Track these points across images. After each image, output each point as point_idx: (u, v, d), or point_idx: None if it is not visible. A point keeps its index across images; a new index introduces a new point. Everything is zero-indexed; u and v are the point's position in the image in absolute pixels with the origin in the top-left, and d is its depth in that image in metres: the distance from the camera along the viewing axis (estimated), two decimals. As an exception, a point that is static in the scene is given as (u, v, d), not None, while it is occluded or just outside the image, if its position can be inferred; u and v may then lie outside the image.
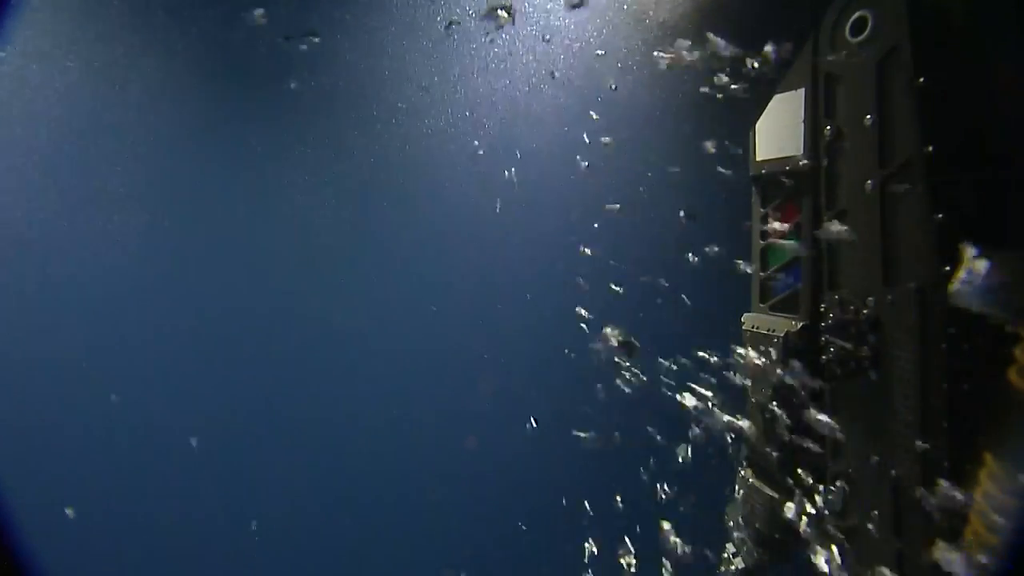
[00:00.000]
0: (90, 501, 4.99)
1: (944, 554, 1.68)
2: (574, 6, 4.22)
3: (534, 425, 4.55)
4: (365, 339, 5.16)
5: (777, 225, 2.38)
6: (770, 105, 2.37)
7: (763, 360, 2.39)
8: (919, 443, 1.85)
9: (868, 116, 1.97)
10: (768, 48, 2.37)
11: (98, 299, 5.01)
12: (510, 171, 4.71)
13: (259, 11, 4.41)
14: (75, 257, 4.97)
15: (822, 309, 2.17)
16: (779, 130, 2.32)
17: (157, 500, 5.11)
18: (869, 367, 2.01)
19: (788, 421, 2.36)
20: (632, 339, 2.88)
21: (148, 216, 5.05)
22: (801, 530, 2.46)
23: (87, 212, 4.97)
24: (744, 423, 2.65)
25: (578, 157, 4.48)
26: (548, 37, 4.55)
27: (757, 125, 2.43)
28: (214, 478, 5.15)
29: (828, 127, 2.12)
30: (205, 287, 5.09)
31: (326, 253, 5.17)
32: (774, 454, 2.44)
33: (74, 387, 5.01)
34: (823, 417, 2.23)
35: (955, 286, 1.64)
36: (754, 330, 2.44)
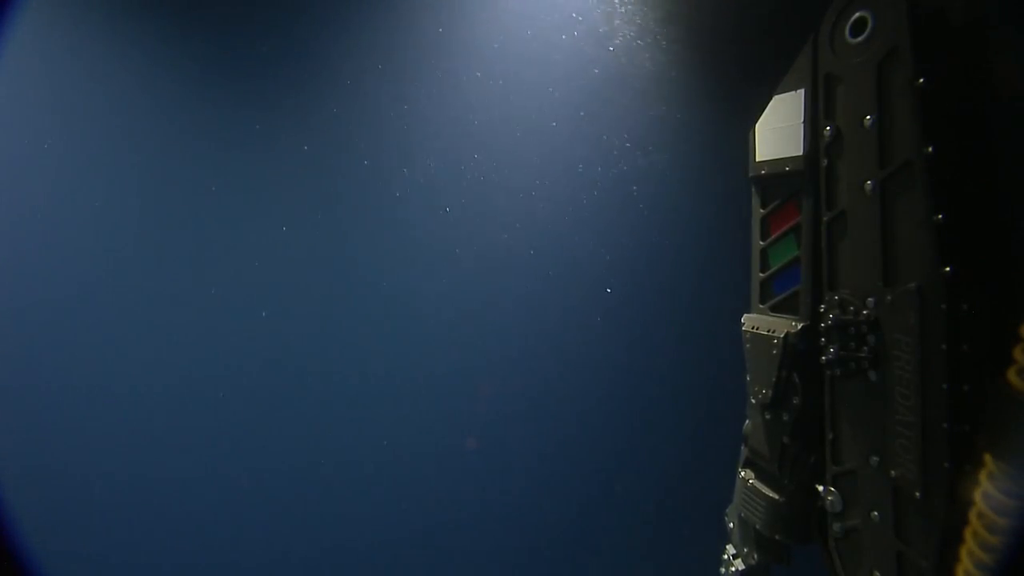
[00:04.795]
0: (91, 504, 5.00)
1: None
2: None
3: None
4: (370, 339, 5.16)
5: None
6: (769, 105, 2.37)
7: (762, 361, 2.39)
8: (919, 443, 1.85)
9: (868, 116, 1.97)
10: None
11: (97, 299, 5.01)
12: (510, 173, 4.72)
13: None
14: (74, 257, 4.97)
15: (822, 310, 2.17)
16: (778, 131, 2.32)
17: (156, 503, 5.11)
18: (869, 367, 2.01)
19: (788, 422, 2.36)
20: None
21: (149, 217, 5.05)
22: (801, 532, 2.46)
23: (86, 212, 4.97)
24: (744, 424, 2.65)
25: (599, 168, 4.49)
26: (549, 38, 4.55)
27: (756, 126, 2.43)
28: (212, 479, 5.14)
29: (828, 127, 2.12)
30: (208, 287, 5.10)
31: (329, 253, 5.16)
32: (774, 455, 2.44)
33: (74, 387, 5.01)
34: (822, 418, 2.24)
35: None
36: (754, 331, 2.44)
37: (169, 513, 5.13)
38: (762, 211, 2.46)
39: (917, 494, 1.86)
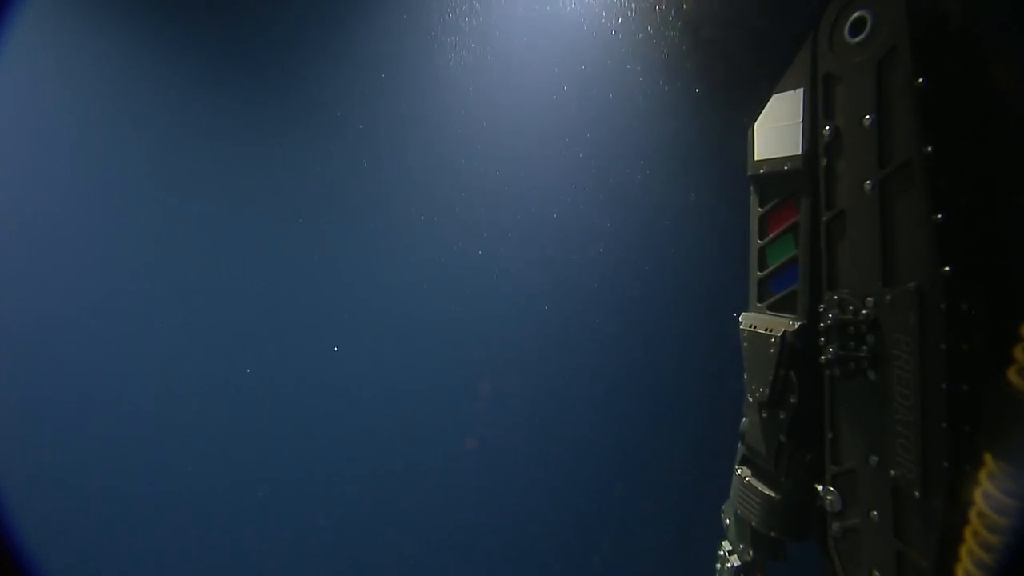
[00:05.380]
0: (92, 506, 4.96)
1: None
2: None
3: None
4: (370, 338, 5.14)
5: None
6: (768, 105, 2.37)
7: (760, 359, 2.39)
8: (919, 443, 1.86)
9: (867, 116, 1.97)
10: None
11: (100, 298, 4.96)
12: (507, 173, 4.70)
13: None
14: (77, 257, 4.91)
15: (821, 309, 2.17)
16: (777, 130, 2.32)
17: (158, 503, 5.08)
18: (868, 367, 2.01)
19: (784, 420, 2.36)
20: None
21: (152, 219, 5.00)
22: (796, 529, 2.47)
23: (89, 210, 4.91)
24: (741, 422, 2.66)
25: (580, 155, 4.48)
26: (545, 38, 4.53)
27: (755, 125, 2.42)
28: (214, 475, 5.11)
29: (827, 127, 2.12)
30: (210, 287, 5.06)
31: (332, 254, 5.13)
32: (770, 453, 2.45)
33: (77, 387, 4.96)
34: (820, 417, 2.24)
35: None
36: (751, 329, 2.44)
37: (170, 517, 5.09)
38: (760, 210, 2.45)
39: (917, 494, 1.86)
